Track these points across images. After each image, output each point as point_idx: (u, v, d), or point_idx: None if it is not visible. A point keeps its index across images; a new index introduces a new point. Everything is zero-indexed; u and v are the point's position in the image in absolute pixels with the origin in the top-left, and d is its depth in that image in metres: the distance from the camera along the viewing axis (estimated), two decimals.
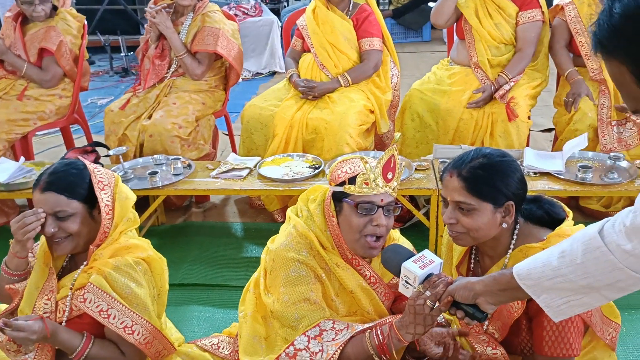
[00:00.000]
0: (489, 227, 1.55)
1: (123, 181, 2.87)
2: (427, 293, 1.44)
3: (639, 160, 2.93)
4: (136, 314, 1.66)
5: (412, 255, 1.52)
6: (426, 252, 1.52)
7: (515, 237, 1.60)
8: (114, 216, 1.70)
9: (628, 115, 3.07)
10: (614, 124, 3.08)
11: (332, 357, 1.53)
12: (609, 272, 1.14)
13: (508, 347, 1.63)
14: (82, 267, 1.71)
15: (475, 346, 1.64)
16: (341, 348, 1.54)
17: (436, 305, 1.43)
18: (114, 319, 1.63)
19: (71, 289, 1.67)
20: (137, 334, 1.65)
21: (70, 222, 1.66)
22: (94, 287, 1.63)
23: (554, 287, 1.23)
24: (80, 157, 1.83)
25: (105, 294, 1.63)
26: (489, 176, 1.54)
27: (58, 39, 3.42)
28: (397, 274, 1.52)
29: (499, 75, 3.26)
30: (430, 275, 1.47)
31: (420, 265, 1.47)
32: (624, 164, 2.84)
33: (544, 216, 1.65)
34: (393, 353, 1.54)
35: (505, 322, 1.58)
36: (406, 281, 1.49)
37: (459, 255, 1.73)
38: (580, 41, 3.23)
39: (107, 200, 1.69)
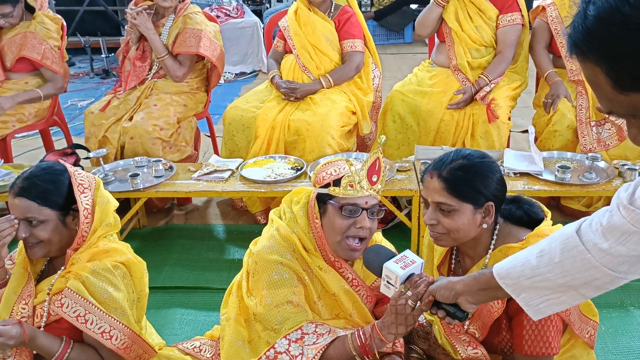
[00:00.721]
0: (469, 227, 1.56)
1: (104, 184, 2.88)
2: (409, 293, 1.45)
3: (616, 160, 2.97)
4: (114, 319, 1.64)
5: (394, 255, 1.53)
6: (407, 253, 1.53)
7: (495, 237, 1.62)
8: (93, 220, 1.68)
9: (607, 115, 3.11)
10: (593, 125, 3.13)
11: None
12: (586, 270, 1.16)
13: (489, 346, 1.65)
14: (59, 271, 1.69)
15: (457, 346, 1.65)
16: (322, 351, 1.54)
17: (417, 305, 1.44)
18: (91, 324, 1.61)
19: (48, 293, 1.65)
20: (116, 339, 1.64)
21: (41, 230, 1.64)
22: (72, 292, 1.61)
23: (533, 286, 1.24)
24: (61, 160, 1.81)
25: (82, 299, 1.61)
26: (469, 177, 1.55)
27: (41, 47, 3.39)
28: (379, 274, 1.52)
29: (479, 77, 3.29)
30: (411, 275, 1.48)
31: (401, 266, 1.48)
32: (601, 164, 2.88)
33: (523, 216, 1.67)
34: (375, 354, 1.55)
35: (485, 322, 1.59)
36: (388, 281, 1.50)
37: (440, 256, 1.75)
38: (561, 42, 3.27)
39: (86, 204, 1.66)
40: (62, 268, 1.69)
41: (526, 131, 4.48)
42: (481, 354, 1.62)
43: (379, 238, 1.83)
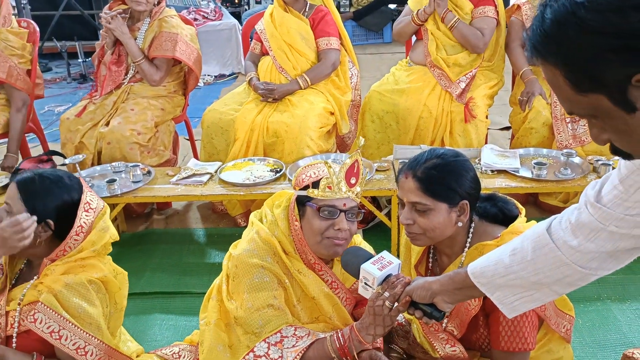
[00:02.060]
0: (444, 226, 1.57)
1: None
2: (386, 294, 1.46)
3: (591, 156, 3.01)
4: (89, 335, 1.61)
5: (371, 257, 1.53)
6: (384, 254, 1.53)
7: (470, 235, 1.63)
8: (83, 240, 1.65)
9: None
10: (568, 121, 3.16)
11: None
12: (557, 267, 1.17)
13: (467, 343, 1.66)
14: (32, 281, 1.66)
15: (435, 344, 1.66)
16: (301, 354, 1.54)
17: (395, 305, 1.45)
18: (65, 340, 1.57)
19: (19, 304, 1.62)
20: (91, 355, 1.61)
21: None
22: (45, 307, 1.58)
23: (506, 284, 1.25)
24: (81, 180, 1.76)
25: (56, 314, 1.58)
26: (443, 176, 1.56)
27: (6, 65, 3.34)
28: (357, 276, 1.53)
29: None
30: (389, 276, 1.48)
31: (378, 267, 1.49)
32: (576, 160, 2.92)
33: (498, 214, 1.68)
34: (354, 355, 1.55)
35: (463, 320, 1.61)
36: (365, 283, 1.50)
37: (418, 255, 1.76)
38: None
39: (83, 222, 1.64)
40: (35, 277, 1.66)
41: (504, 128, 4.53)
42: (459, 352, 1.63)
43: (358, 240, 1.84)
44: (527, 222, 1.63)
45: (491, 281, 1.27)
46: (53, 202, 1.64)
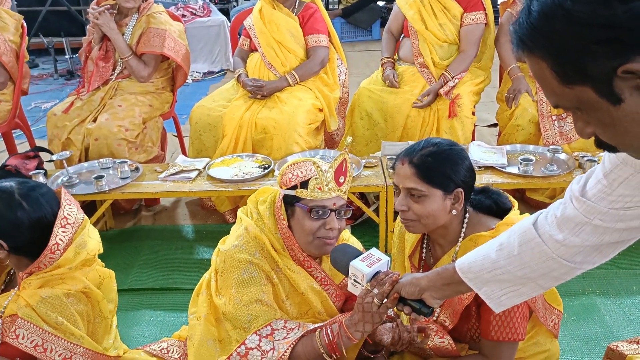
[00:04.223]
0: (439, 213, 1.59)
1: (68, 186, 2.85)
2: (375, 291, 1.47)
3: (577, 152, 3.05)
4: (73, 344, 1.59)
5: (360, 254, 1.54)
6: (374, 251, 1.54)
7: (465, 226, 1.65)
8: (60, 257, 1.60)
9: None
10: (555, 118, 3.19)
11: (283, 355, 1.54)
12: (543, 262, 1.18)
13: (457, 335, 1.68)
14: (13, 292, 1.63)
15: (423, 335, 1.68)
16: (292, 346, 1.55)
17: (383, 302, 1.46)
18: (51, 352, 1.56)
19: (1, 316, 1.60)
20: None
21: None
22: (25, 322, 1.55)
23: (493, 279, 1.27)
24: (62, 193, 1.69)
25: (37, 328, 1.55)
26: (439, 163, 1.59)
27: None
28: (346, 273, 1.54)
29: (442, 74, 3.34)
30: (377, 273, 1.49)
31: (367, 264, 1.50)
32: (562, 156, 2.95)
33: (492, 206, 1.71)
34: (343, 351, 1.56)
35: (456, 309, 1.62)
36: (355, 280, 1.51)
37: (411, 246, 1.77)
38: None
39: (59, 239, 1.59)
40: (16, 289, 1.64)
41: (491, 125, 4.56)
42: (447, 343, 1.65)
43: (346, 236, 1.84)
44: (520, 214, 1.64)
45: (478, 276, 1.28)
46: (23, 226, 1.57)
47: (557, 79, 0.88)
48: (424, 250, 1.78)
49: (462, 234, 1.64)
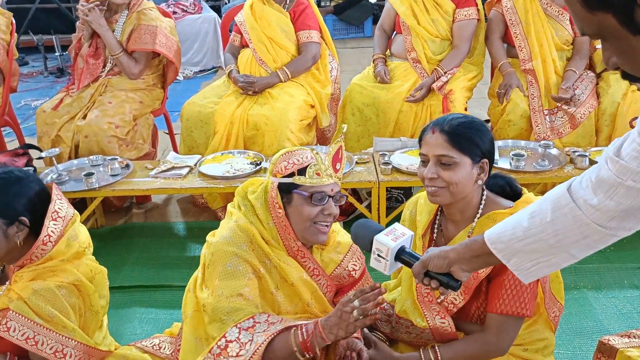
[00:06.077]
0: (466, 181, 1.62)
1: (58, 183, 2.82)
2: (357, 303, 1.46)
3: (568, 147, 3.05)
4: (65, 337, 1.58)
5: (383, 229, 1.51)
6: (397, 225, 1.52)
7: (483, 203, 1.68)
8: (51, 249, 1.60)
9: (560, 104, 3.20)
10: (546, 113, 3.20)
11: (260, 346, 1.52)
12: (577, 228, 1.15)
13: (464, 314, 1.69)
14: (4, 286, 1.62)
15: (426, 313, 1.68)
16: (270, 338, 1.53)
17: (361, 318, 1.46)
18: (42, 345, 1.55)
19: None
20: (70, 357, 1.59)
21: None
22: (16, 315, 1.54)
23: (523, 249, 1.23)
24: (54, 188, 1.69)
25: (29, 321, 1.54)
26: (468, 131, 1.63)
27: None
28: (368, 248, 1.51)
29: (434, 69, 3.34)
30: (402, 248, 1.46)
31: (392, 238, 1.46)
32: (554, 151, 2.96)
33: (505, 186, 1.74)
34: (317, 351, 1.55)
35: (469, 286, 1.63)
36: (379, 254, 1.48)
37: (424, 226, 1.78)
38: (515, 32, 3.34)
39: (51, 231, 1.59)
40: (7, 283, 1.62)
41: (484, 121, 4.57)
42: (447, 325, 1.66)
43: (337, 229, 1.84)
44: None
45: (508, 246, 1.25)
46: (9, 199, 1.58)
47: (582, 4, 0.90)
48: (435, 232, 1.79)
49: (480, 211, 1.67)
